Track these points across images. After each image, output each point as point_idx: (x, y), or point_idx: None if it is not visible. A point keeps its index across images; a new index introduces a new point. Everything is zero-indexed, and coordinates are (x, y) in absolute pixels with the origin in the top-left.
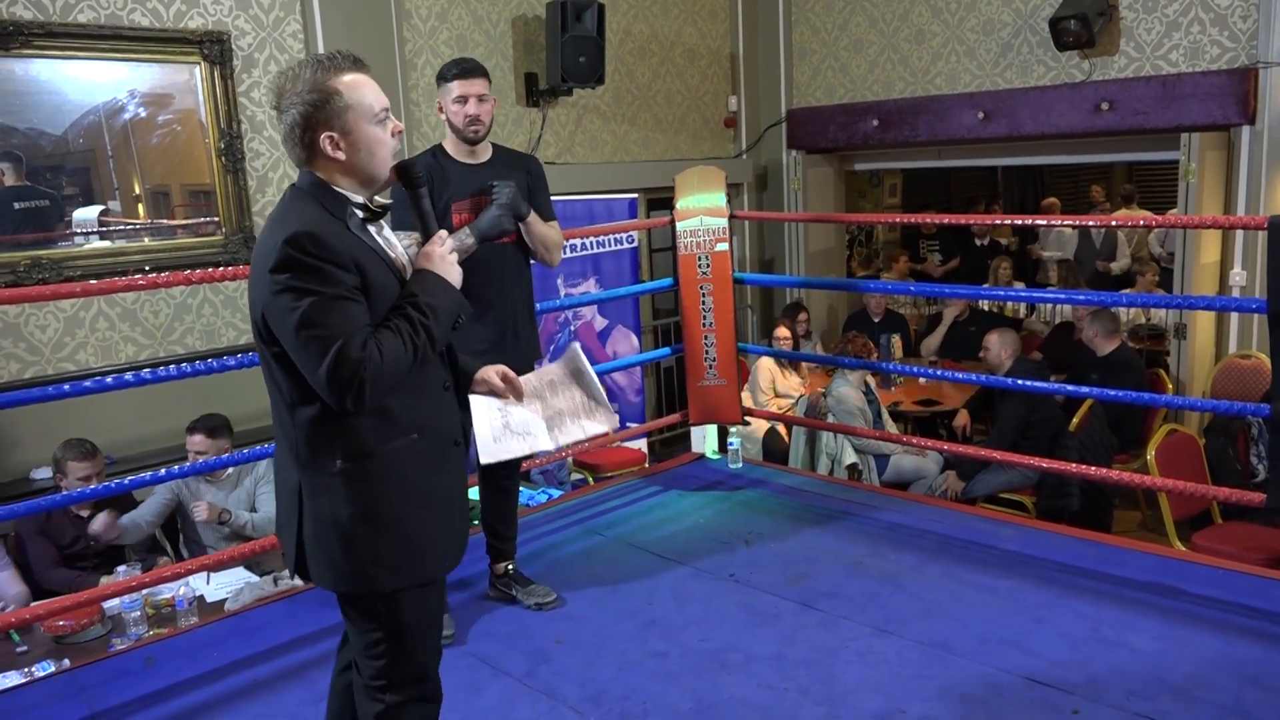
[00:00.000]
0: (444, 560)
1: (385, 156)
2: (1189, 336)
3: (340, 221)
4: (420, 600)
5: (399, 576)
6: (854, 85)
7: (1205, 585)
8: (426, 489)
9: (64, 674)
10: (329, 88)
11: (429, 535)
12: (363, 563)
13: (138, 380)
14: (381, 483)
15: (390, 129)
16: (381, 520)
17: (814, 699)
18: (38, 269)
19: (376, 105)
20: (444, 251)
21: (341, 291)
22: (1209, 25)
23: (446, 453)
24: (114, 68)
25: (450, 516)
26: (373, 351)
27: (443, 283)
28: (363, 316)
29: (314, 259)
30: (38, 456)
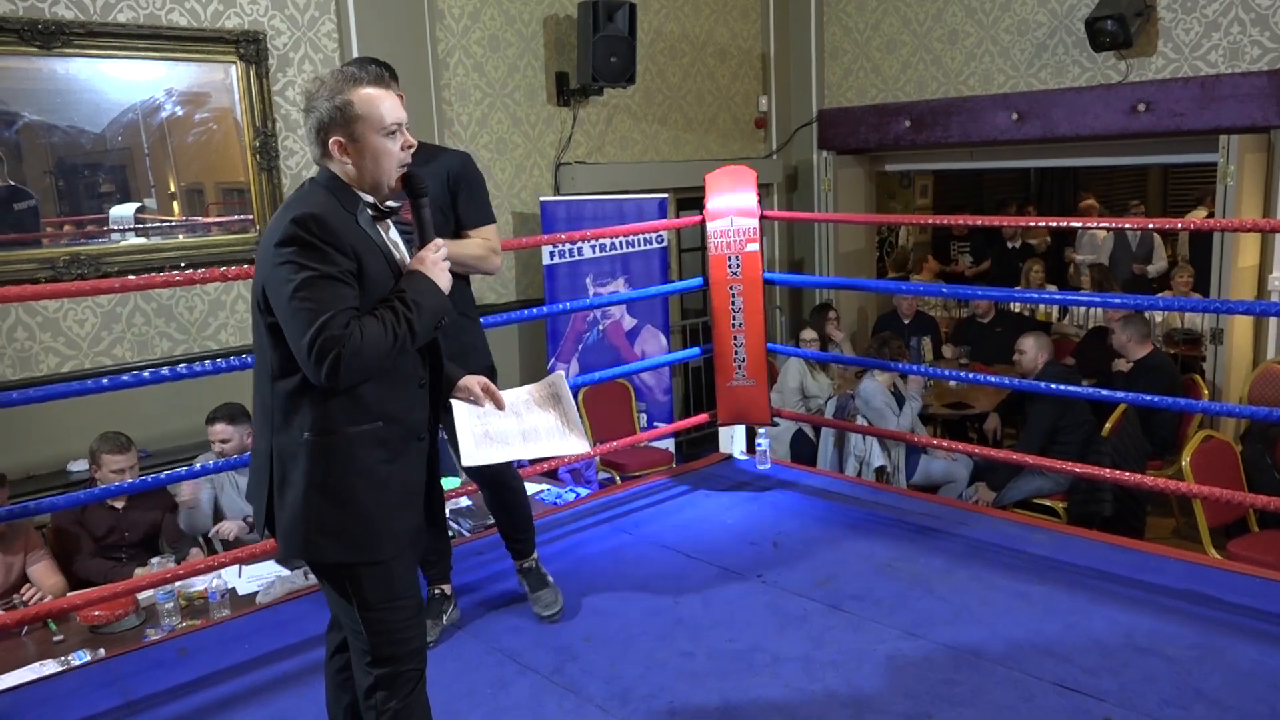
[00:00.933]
0: (392, 544)
1: (389, 167)
2: (1226, 341)
3: (349, 214)
4: (378, 578)
5: (345, 551)
6: (886, 86)
7: (1241, 594)
8: (382, 474)
9: (99, 663)
10: (345, 98)
11: (378, 517)
12: (312, 532)
13: (173, 375)
14: (341, 460)
15: (400, 143)
16: (334, 494)
17: (841, 701)
18: (76, 265)
19: (388, 119)
20: (437, 257)
21: (335, 272)
22: (1249, 25)
23: (409, 444)
24: (152, 67)
25: (402, 504)
26: (354, 331)
27: (431, 284)
28: (352, 299)
29: (316, 239)
30: (74, 449)
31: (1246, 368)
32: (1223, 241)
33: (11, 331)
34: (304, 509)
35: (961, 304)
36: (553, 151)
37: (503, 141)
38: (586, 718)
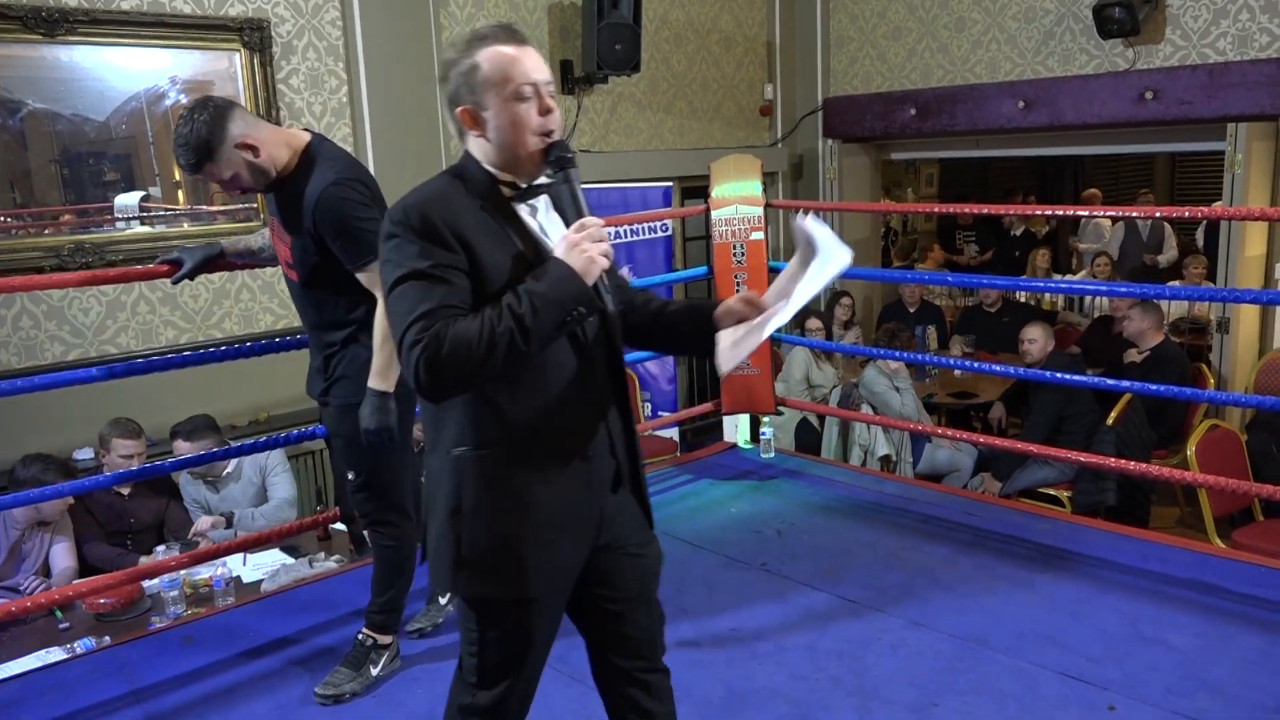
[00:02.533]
0: (540, 581)
1: (522, 135)
2: (1232, 331)
3: (473, 199)
4: (506, 618)
5: (485, 584)
6: (891, 73)
7: (1246, 583)
8: (532, 500)
9: (104, 650)
10: (471, 61)
11: (524, 548)
12: (451, 562)
13: (180, 361)
14: (483, 480)
15: (538, 107)
16: (475, 520)
17: (845, 690)
18: (81, 253)
19: (518, 80)
20: (579, 237)
21: (427, 268)
22: (1258, 12)
23: (565, 465)
24: (156, 55)
25: (553, 534)
26: (438, 333)
27: (562, 270)
28: (447, 297)
29: (410, 232)
30: (80, 437)
31: (1253, 357)
32: (1230, 230)
33: (17, 320)
34: (444, 535)
35: (967, 293)
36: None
37: None
38: (591, 706)
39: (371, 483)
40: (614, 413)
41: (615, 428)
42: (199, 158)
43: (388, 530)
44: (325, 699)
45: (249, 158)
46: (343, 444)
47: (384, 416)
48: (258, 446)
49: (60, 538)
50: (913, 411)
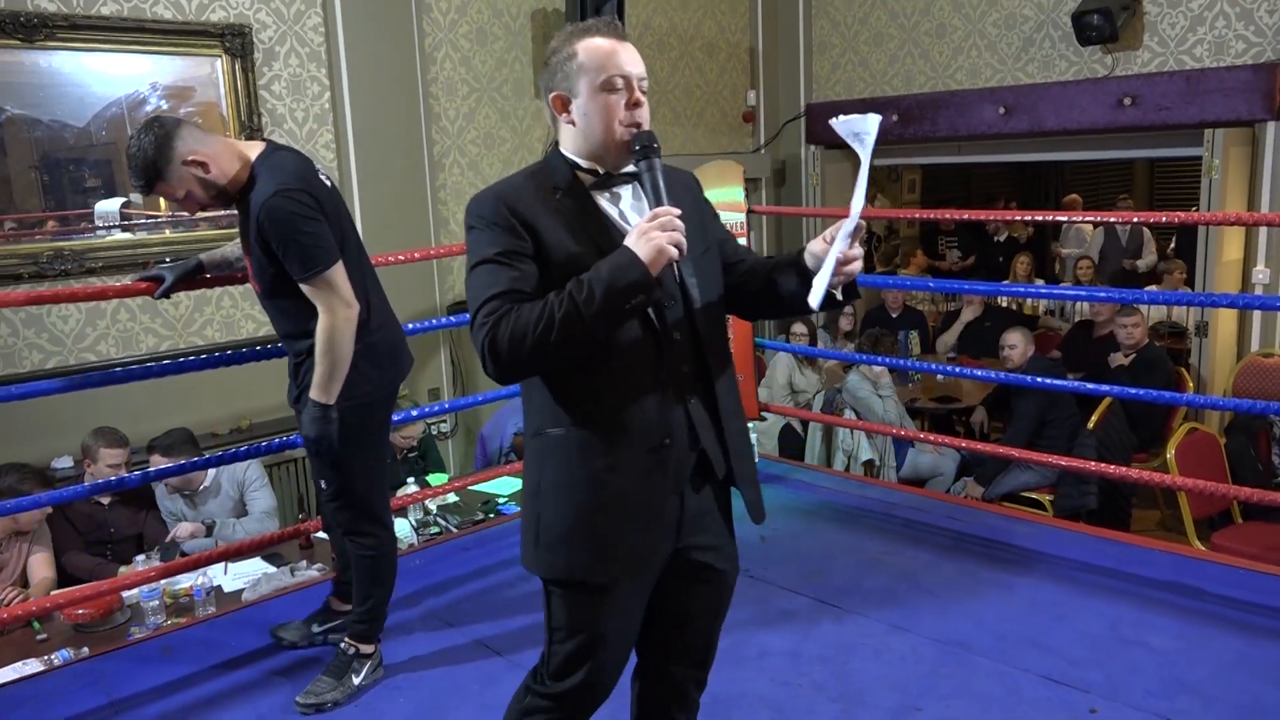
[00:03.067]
0: (602, 568)
1: (609, 125)
2: (1210, 334)
3: (550, 188)
4: (576, 603)
5: (548, 566)
6: (874, 80)
7: (1225, 585)
8: (601, 485)
9: (83, 661)
10: (570, 50)
11: (587, 534)
12: (531, 542)
13: (160, 370)
14: (556, 463)
15: (626, 99)
16: (548, 501)
17: (829, 695)
18: (60, 260)
19: (609, 72)
20: (648, 225)
21: (495, 254)
22: (1234, 20)
23: (638, 453)
24: (136, 60)
25: (617, 522)
26: (500, 319)
27: (625, 257)
28: (514, 282)
29: (482, 221)
30: (59, 446)
31: (1231, 360)
32: (1207, 235)
33: None
34: (527, 515)
35: (949, 298)
36: (540, 146)
37: (490, 136)
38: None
39: (344, 492)
40: (698, 403)
41: (700, 419)
42: (148, 178)
43: (363, 540)
44: (307, 708)
45: (198, 174)
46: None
47: (322, 426)
48: (238, 456)
49: (38, 548)
50: (895, 417)
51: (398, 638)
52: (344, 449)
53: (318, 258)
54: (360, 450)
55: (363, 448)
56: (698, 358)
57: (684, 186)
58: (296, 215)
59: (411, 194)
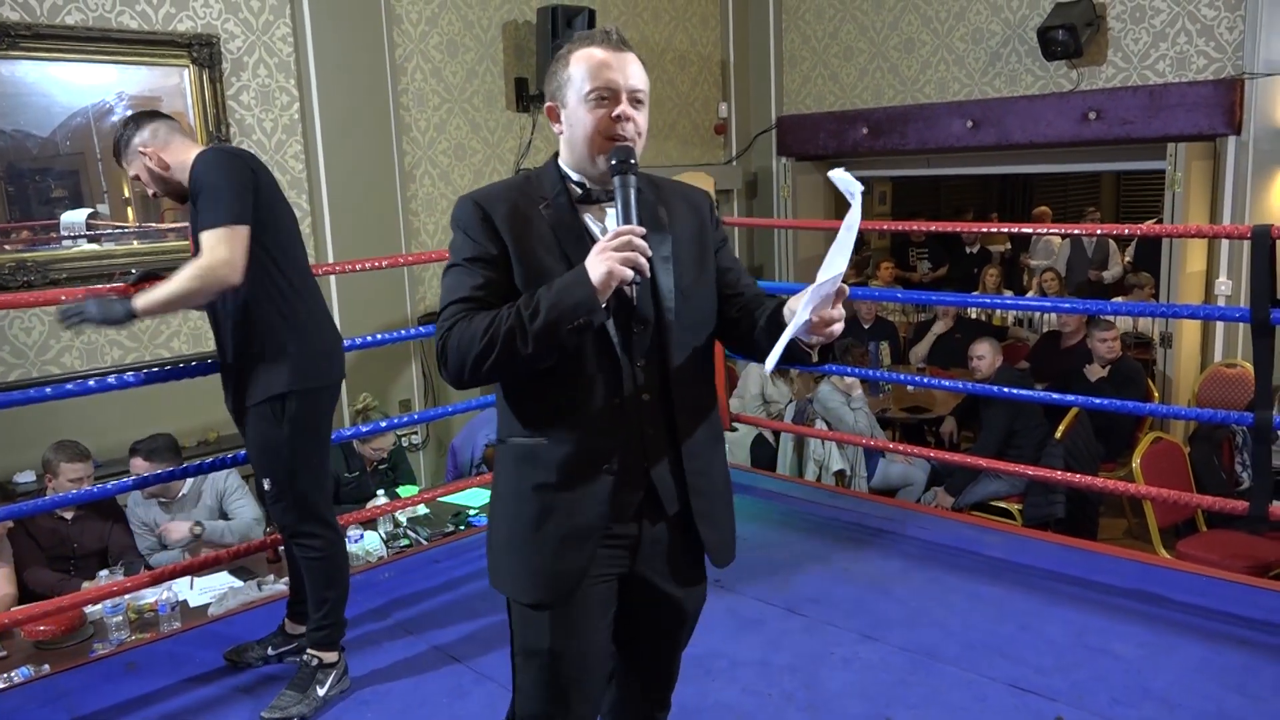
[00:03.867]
0: (539, 587)
1: (593, 138)
2: (1175, 345)
3: (537, 198)
4: (526, 621)
5: (493, 577)
6: (844, 93)
7: (1189, 593)
8: (542, 501)
9: (44, 679)
10: (565, 59)
11: (526, 549)
12: (489, 550)
13: (121, 384)
14: (506, 474)
15: (611, 111)
16: (496, 513)
17: (798, 705)
18: (23, 271)
19: (595, 83)
20: (604, 244)
21: (465, 258)
22: (1195, 36)
23: (582, 472)
24: (102, 70)
25: (563, 540)
26: (456, 324)
27: (575, 276)
28: (477, 291)
29: (458, 224)
30: (20, 460)
31: (1195, 371)
32: (1171, 247)
33: None
34: (489, 523)
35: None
36: (512, 157)
37: (461, 147)
38: None
39: (287, 491)
40: (656, 434)
41: (655, 451)
42: (115, 155)
43: (309, 542)
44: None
45: (148, 164)
46: (256, 452)
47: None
48: (215, 465)
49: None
50: (866, 427)
51: (366, 650)
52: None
53: (227, 211)
54: (301, 440)
55: (302, 438)
56: (663, 388)
57: (691, 207)
58: (227, 168)
59: (382, 205)
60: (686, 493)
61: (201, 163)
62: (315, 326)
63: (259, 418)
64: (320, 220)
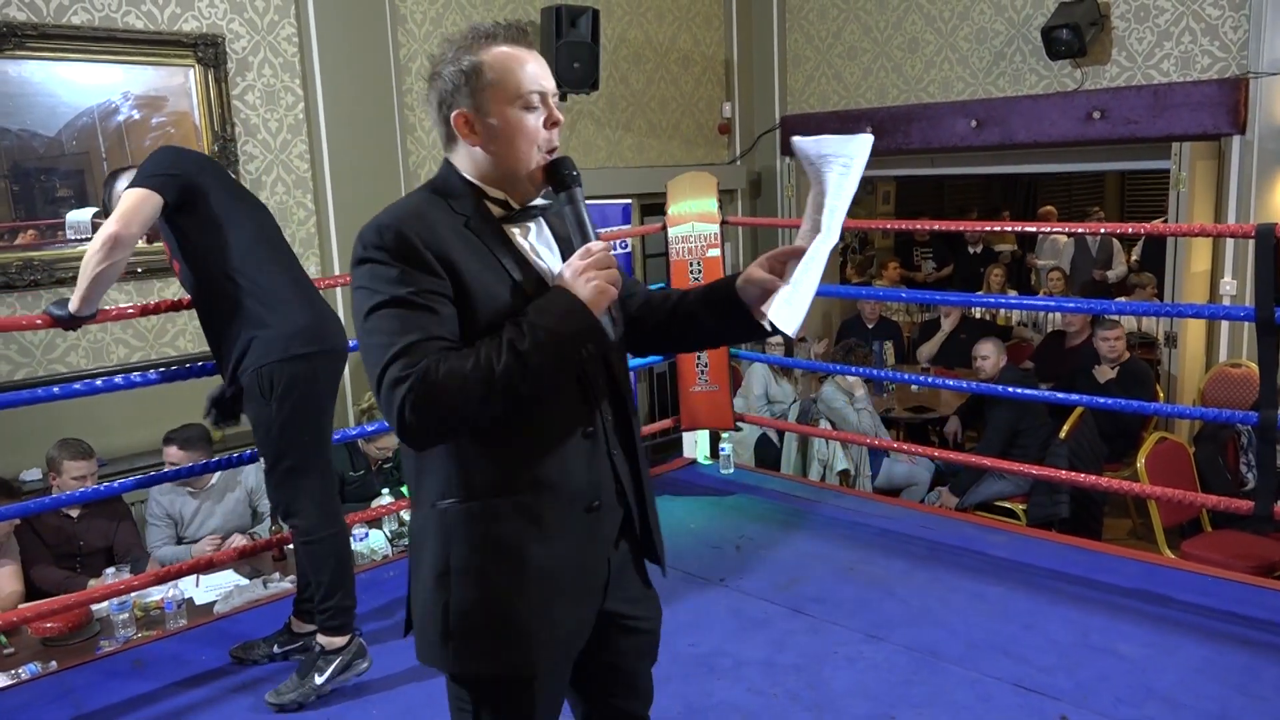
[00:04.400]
0: (542, 652)
1: (526, 149)
2: (1179, 345)
3: (457, 217)
4: (514, 699)
5: (477, 660)
6: (847, 92)
7: (1194, 593)
8: (531, 560)
9: (51, 676)
10: (476, 59)
11: (520, 616)
12: (443, 634)
13: (128, 383)
14: (475, 538)
15: (544, 118)
16: (467, 584)
17: (803, 704)
18: (30, 270)
19: (526, 87)
20: (584, 264)
21: (410, 294)
22: (1200, 35)
23: (567, 518)
24: (108, 70)
25: (553, 597)
26: (426, 370)
27: (566, 300)
28: (435, 327)
29: (389, 255)
30: (27, 459)
31: (1200, 370)
32: (1176, 247)
33: None
34: (431, 602)
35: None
36: None
37: None
38: None
39: (276, 468)
40: (620, 455)
41: (622, 469)
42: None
43: (299, 522)
44: (271, 706)
45: None
46: (254, 431)
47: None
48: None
49: (5, 561)
50: (870, 428)
51: (371, 649)
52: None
53: (142, 178)
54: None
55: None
56: (617, 405)
57: None
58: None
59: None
60: (646, 511)
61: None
62: (284, 307)
63: (249, 397)
64: (325, 219)
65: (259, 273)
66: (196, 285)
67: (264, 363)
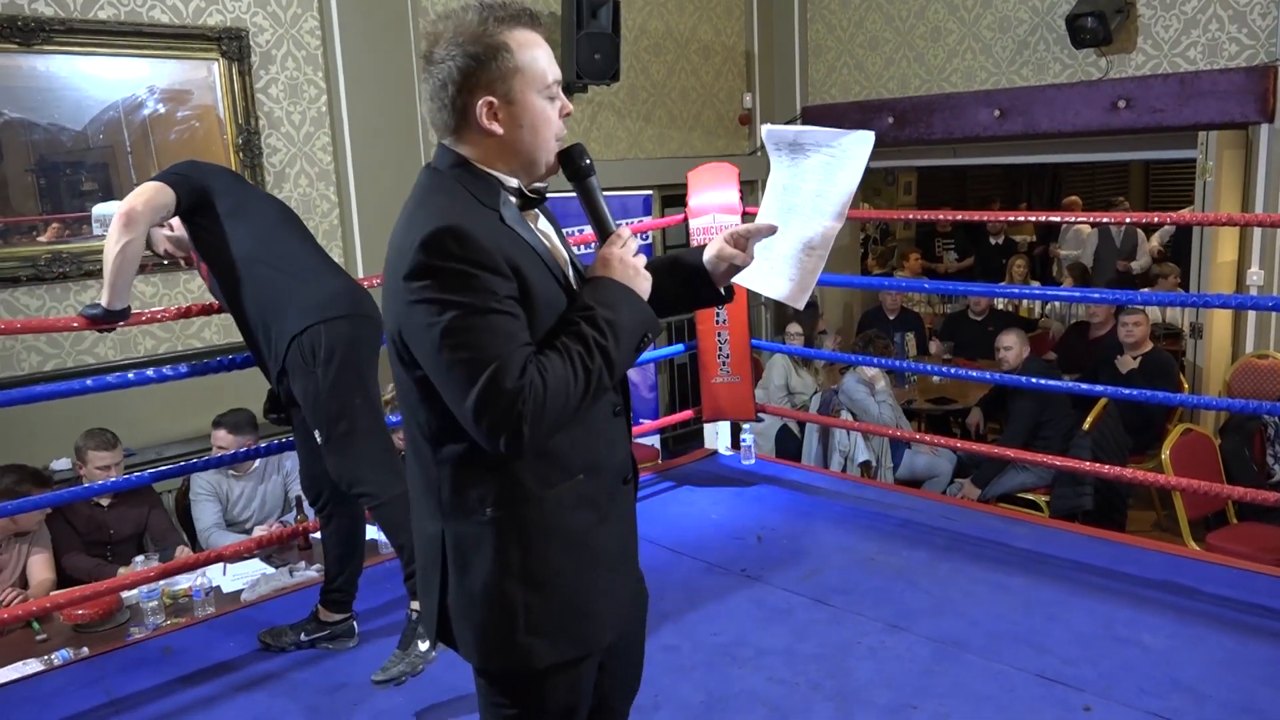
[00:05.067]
0: (608, 629)
1: (549, 138)
2: (1205, 336)
3: (492, 211)
4: (573, 679)
5: (556, 649)
6: (869, 82)
7: (1219, 585)
8: (593, 542)
9: (82, 662)
10: (498, 41)
11: (593, 599)
12: (517, 633)
13: (159, 376)
14: (540, 535)
15: (560, 108)
16: (540, 580)
17: (825, 694)
18: (59, 263)
19: (550, 76)
20: (624, 253)
21: (493, 303)
22: (1227, 22)
23: (614, 495)
24: (133, 64)
25: (614, 574)
26: (533, 379)
27: (626, 294)
28: (521, 334)
29: (459, 262)
30: (57, 448)
31: (1226, 361)
32: (1202, 237)
33: None
34: (503, 606)
35: (946, 299)
36: None
37: None
38: None
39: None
40: (626, 429)
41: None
42: None
43: (369, 488)
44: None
45: (165, 233)
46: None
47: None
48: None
49: (38, 549)
50: (891, 419)
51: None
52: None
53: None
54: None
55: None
56: (623, 388)
57: None
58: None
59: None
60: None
61: None
62: (314, 276)
63: (294, 372)
64: (348, 212)
65: (285, 250)
66: (224, 282)
67: (302, 328)
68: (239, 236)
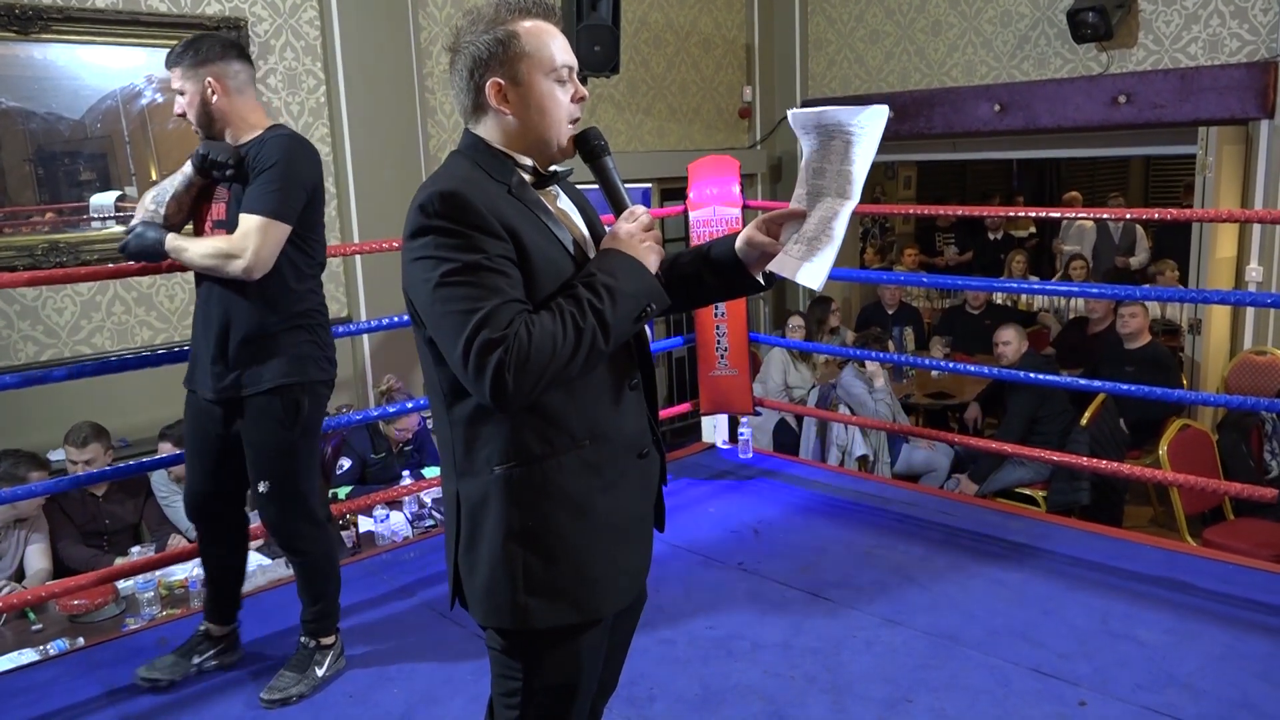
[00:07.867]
0: (609, 597)
1: (559, 119)
2: (1204, 332)
3: (500, 184)
4: (575, 646)
5: (555, 612)
6: (869, 76)
7: (1215, 580)
8: (596, 508)
9: (78, 652)
10: (507, 29)
11: (593, 565)
12: (516, 592)
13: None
14: (542, 497)
15: (572, 93)
16: (539, 541)
17: (820, 687)
18: (55, 252)
19: (558, 60)
20: (634, 227)
21: (483, 260)
22: (1228, 18)
23: (625, 466)
24: (131, 53)
25: (620, 544)
26: (519, 330)
27: (629, 263)
28: (512, 290)
29: (453, 222)
30: (54, 438)
31: (1224, 357)
32: (1201, 233)
33: None
34: (505, 564)
35: (945, 294)
36: None
37: None
38: None
39: (285, 493)
40: (646, 405)
41: (652, 421)
42: (180, 53)
43: (305, 545)
44: (271, 704)
45: (207, 94)
46: (256, 451)
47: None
48: None
49: (35, 537)
50: (888, 415)
51: (392, 629)
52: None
53: (279, 205)
54: (305, 440)
55: (306, 438)
56: (644, 360)
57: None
58: (300, 162)
59: (407, 187)
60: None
61: (277, 143)
62: (325, 322)
63: (263, 413)
64: (346, 201)
65: (319, 278)
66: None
67: (301, 380)
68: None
